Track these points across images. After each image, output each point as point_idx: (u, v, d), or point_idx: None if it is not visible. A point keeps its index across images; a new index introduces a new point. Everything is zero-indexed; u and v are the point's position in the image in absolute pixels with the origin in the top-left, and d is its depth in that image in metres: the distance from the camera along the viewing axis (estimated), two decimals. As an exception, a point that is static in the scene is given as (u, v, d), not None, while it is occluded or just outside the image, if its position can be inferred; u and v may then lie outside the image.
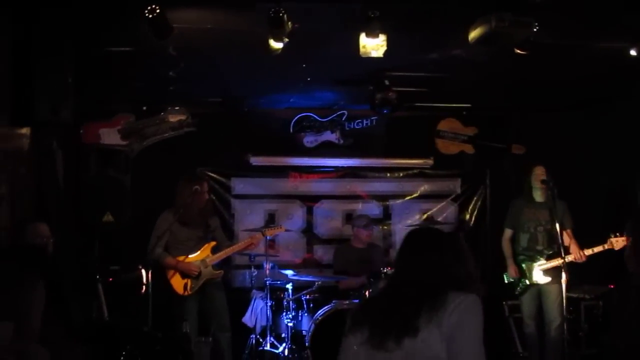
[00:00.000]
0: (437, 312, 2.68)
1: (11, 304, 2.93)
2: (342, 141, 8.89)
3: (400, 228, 8.94)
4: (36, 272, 3.29)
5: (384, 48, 5.56)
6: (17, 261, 3.15)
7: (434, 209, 9.07)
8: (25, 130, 6.15)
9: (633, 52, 5.89)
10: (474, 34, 5.23)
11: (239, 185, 8.77)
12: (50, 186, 6.62)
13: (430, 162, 9.12)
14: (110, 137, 8.05)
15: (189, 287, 6.77)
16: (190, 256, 6.86)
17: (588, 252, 6.86)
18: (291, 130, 8.79)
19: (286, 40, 5.51)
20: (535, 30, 5.12)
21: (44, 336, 3.28)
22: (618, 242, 6.70)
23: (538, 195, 7.18)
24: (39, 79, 5.81)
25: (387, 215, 9.13)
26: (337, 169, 8.99)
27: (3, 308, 2.84)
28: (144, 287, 6.31)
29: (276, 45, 5.54)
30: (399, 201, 9.13)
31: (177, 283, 6.77)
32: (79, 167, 6.82)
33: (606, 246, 6.77)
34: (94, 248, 6.45)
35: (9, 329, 2.75)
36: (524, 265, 7.18)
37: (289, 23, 5.36)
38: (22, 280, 3.13)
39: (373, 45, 5.55)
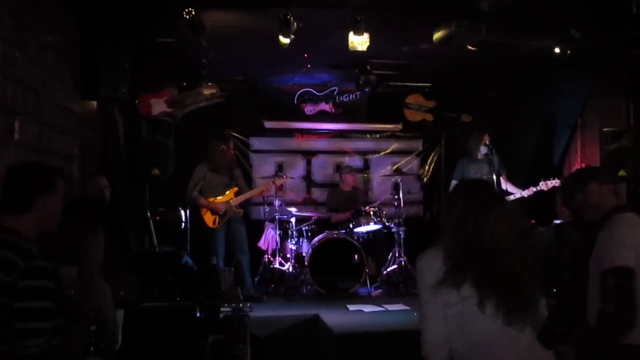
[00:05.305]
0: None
1: (74, 250, 2.78)
2: (334, 110, 8.71)
3: (377, 176, 8.85)
4: (95, 220, 3.10)
5: (368, 44, 5.42)
6: (78, 212, 2.96)
7: (402, 162, 8.89)
8: (93, 103, 6.03)
9: (557, 50, 5.75)
10: (437, 36, 5.10)
11: (256, 143, 8.59)
12: (113, 146, 6.52)
13: (399, 127, 8.92)
14: (158, 106, 7.94)
15: (217, 222, 6.70)
16: (218, 198, 6.79)
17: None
18: (295, 101, 8.59)
19: (292, 37, 5.33)
20: (484, 32, 4.96)
21: (105, 271, 3.15)
22: (547, 185, 6.69)
23: (479, 154, 7.02)
24: (102, 65, 5.74)
25: (366, 166, 8.98)
26: (329, 131, 8.82)
27: (68, 254, 2.69)
28: (182, 224, 6.25)
29: (284, 40, 5.37)
30: (375, 156, 8.96)
31: (209, 218, 6.71)
32: (134, 133, 6.67)
33: (539, 187, 6.70)
34: (145, 195, 6.35)
35: (73, 271, 2.62)
36: None
37: (295, 23, 5.18)
38: (82, 229, 2.96)
39: (359, 42, 5.40)
